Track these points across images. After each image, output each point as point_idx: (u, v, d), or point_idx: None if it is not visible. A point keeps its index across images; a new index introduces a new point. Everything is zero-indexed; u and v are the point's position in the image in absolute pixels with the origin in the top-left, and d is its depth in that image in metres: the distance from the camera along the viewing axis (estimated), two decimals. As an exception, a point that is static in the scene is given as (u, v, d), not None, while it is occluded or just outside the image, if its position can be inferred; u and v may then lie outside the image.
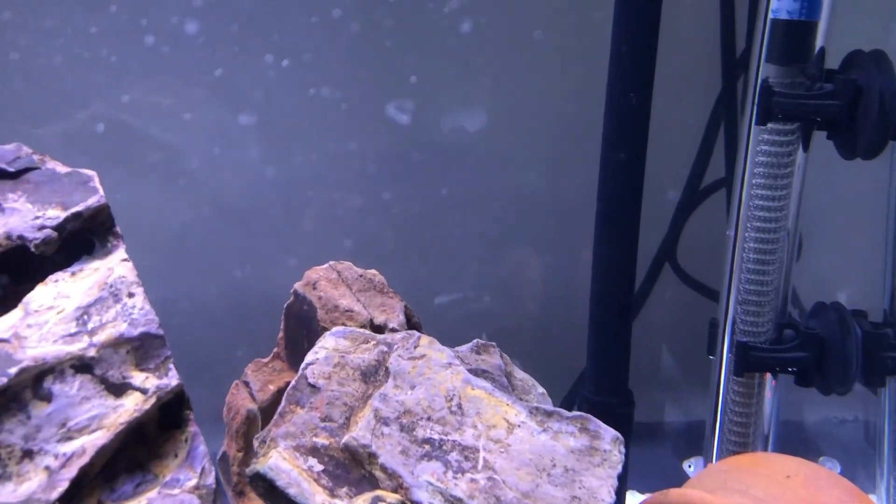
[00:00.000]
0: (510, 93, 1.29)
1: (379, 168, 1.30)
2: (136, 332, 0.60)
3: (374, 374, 0.71)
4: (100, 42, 1.23)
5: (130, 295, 0.60)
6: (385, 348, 0.72)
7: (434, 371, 0.69)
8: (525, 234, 1.36)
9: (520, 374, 0.73)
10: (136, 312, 0.60)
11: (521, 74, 1.28)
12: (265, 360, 0.86)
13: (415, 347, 0.71)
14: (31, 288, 0.62)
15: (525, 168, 1.32)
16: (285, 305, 0.85)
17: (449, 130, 1.31)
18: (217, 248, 1.33)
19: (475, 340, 0.74)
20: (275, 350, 0.86)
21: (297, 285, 0.84)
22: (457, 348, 0.74)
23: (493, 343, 0.73)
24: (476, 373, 0.71)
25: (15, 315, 0.60)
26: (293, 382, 0.72)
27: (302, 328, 0.83)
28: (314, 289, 0.82)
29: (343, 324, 0.80)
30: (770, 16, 0.78)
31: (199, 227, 1.32)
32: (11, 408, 0.58)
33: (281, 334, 0.85)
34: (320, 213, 1.35)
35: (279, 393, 0.84)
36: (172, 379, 0.60)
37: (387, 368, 0.70)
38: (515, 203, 1.33)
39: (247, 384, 0.85)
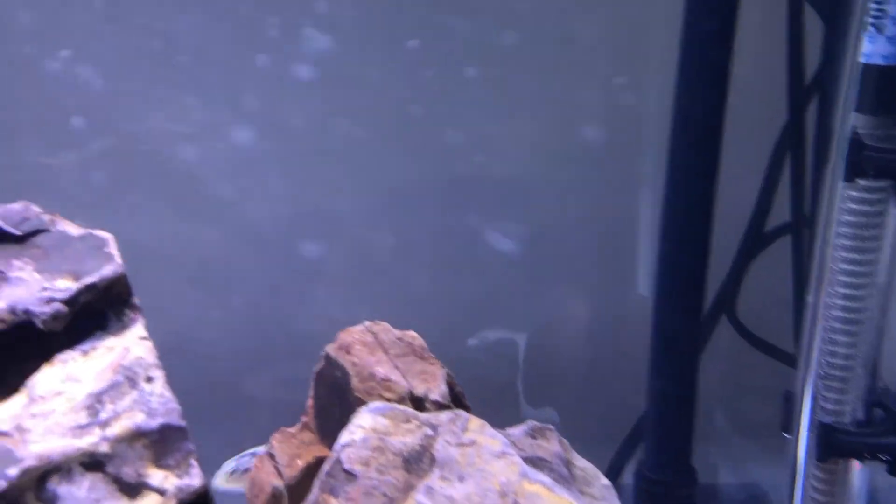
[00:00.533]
0: (549, 122, 1.23)
1: (411, 201, 1.24)
2: (154, 423, 0.52)
3: (417, 461, 0.63)
4: (119, 66, 1.18)
5: (149, 379, 0.53)
6: (430, 431, 0.64)
7: (486, 461, 0.61)
8: (564, 272, 1.28)
9: (580, 463, 0.65)
10: (154, 400, 0.53)
11: (561, 101, 1.22)
12: (292, 429, 0.78)
13: (463, 431, 0.63)
14: (35, 367, 0.56)
15: (565, 200, 1.26)
16: (315, 370, 0.78)
17: (483, 161, 1.25)
18: (240, 282, 1.27)
19: (529, 423, 0.66)
20: (303, 419, 0.79)
21: (329, 349, 0.77)
22: (509, 430, 0.67)
23: (550, 426, 0.66)
24: (532, 461, 0.63)
25: (18, 402, 0.53)
26: (326, 468, 0.65)
27: (334, 397, 0.75)
28: (348, 353, 0.75)
29: (380, 394, 0.73)
30: (861, 60, 0.70)
31: (221, 259, 1.26)
32: (11, 511, 0.51)
33: (310, 401, 0.78)
34: (350, 246, 1.29)
35: (308, 469, 0.76)
36: (195, 478, 0.53)
37: (432, 455, 0.63)
38: (554, 238, 1.27)
39: (272, 457, 0.77)
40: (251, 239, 1.25)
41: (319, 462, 0.74)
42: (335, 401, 0.76)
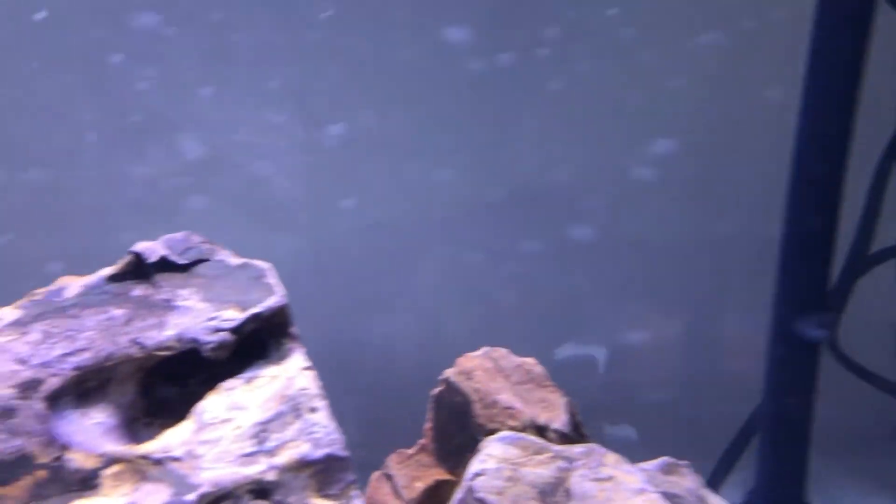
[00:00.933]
0: (640, 137, 1.23)
1: (499, 214, 1.25)
2: (319, 453, 0.54)
3: (551, 494, 0.64)
4: (205, 82, 1.21)
5: (312, 410, 0.54)
6: (564, 464, 0.65)
7: (624, 497, 0.62)
8: (654, 288, 1.28)
9: (713, 500, 0.66)
10: (319, 431, 0.54)
11: (657, 117, 1.21)
12: (410, 451, 0.80)
13: (600, 466, 0.64)
14: (200, 394, 0.57)
15: (658, 214, 1.25)
16: (434, 393, 0.79)
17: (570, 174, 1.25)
18: (326, 298, 1.28)
19: (663, 459, 0.67)
20: (421, 441, 0.80)
21: (450, 373, 0.77)
22: (641, 465, 0.67)
23: (686, 462, 0.66)
24: (668, 498, 0.64)
25: (186, 428, 0.55)
26: (459, 495, 0.65)
27: (454, 421, 0.76)
28: (469, 379, 0.76)
29: (502, 422, 0.73)
30: None
31: (306, 273, 1.28)
32: (184, 536, 0.53)
33: (429, 424, 0.79)
34: (438, 258, 1.30)
35: (428, 492, 0.77)
36: (357, 508, 0.54)
37: (568, 489, 0.63)
38: (644, 252, 1.26)
39: (390, 478, 0.79)
40: (340, 251, 1.27)
41: (438, 485, 0.76)
42: (455, 426, 0.77)
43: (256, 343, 0.58)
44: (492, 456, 0.68)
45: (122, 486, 0.53)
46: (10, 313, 0.58)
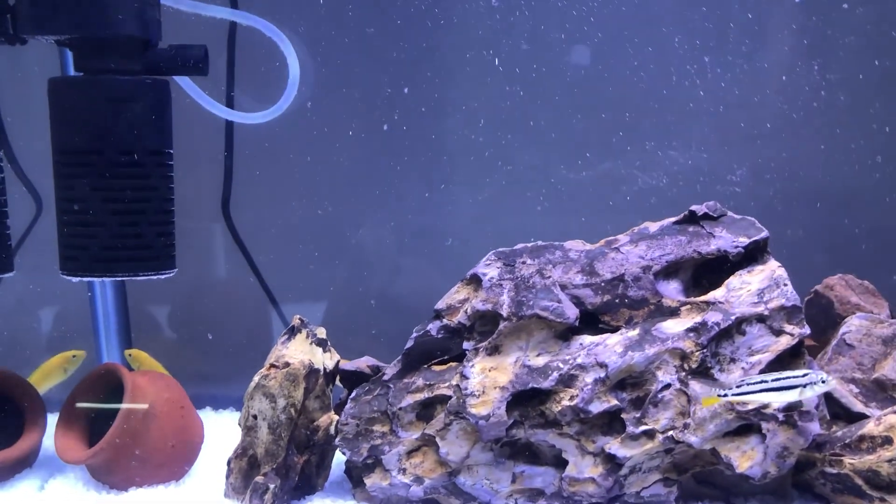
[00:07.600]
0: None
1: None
2: (788, 304, 1.18)
3: (891, 342, 1.24)
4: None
5: (784, 284, 1.19)
6: (897, 328, 1.24)
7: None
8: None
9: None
10: (788, 294, 1.18)
11: None
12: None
13: (921, 330, 1.22)
14: (724, 278, 1.23)
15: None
16: (805, 300, 1.40)
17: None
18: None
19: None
20: (797, 323, 1.43)
21: (818, 287, 1.39)
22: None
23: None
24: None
25: (721, 290, 1.21)
26: (834, 343, 1.28)
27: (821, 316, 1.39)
28: (831, 290, 1.37)
29: (853, 312, 1.34)
30: None
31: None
32: (726, 336, 1.18)
33: (802, 315, 1.42)
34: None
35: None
36: (805, 329, 1.17)
37: (902, 340, 1.22)
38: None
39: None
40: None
41: (809, 347, 1.37)
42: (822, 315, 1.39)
43: (752, 255, 1.22)
44: (855, 323, 1.28)
45: (692, 314, 1.20)
46: (625, 237, 1.27)
